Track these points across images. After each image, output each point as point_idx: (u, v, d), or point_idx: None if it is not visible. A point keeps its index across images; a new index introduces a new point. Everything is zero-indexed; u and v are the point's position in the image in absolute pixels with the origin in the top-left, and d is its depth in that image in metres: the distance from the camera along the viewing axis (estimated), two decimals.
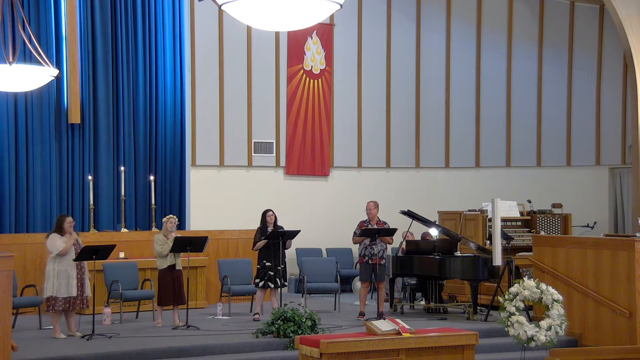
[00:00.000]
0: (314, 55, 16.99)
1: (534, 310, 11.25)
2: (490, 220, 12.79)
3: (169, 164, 15.62)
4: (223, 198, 16.04)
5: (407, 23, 17.77)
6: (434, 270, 12.69)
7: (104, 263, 12.10)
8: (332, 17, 16.61)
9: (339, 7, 6.75)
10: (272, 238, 12.07)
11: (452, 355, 8.57)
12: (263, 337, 10.60)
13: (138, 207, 15.23)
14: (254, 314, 12.27)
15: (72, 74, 14.62)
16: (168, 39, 15.64)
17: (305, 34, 16.70)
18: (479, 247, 12.97)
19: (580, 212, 15.93)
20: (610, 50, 16.78)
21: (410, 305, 13.40)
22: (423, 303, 13.27)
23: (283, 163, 16.70)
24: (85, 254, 10.71)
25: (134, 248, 13.69)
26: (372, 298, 13.92)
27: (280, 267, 12.05)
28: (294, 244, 13.12)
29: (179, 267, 11.73)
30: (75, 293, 10.80)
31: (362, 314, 12.40)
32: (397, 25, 17.71)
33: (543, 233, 14.34)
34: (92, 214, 14.04)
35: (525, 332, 9.49)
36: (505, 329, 9.67)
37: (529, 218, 14.73)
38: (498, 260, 12.24)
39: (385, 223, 12.54)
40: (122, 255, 13.28)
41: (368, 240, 12.28)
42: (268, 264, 12.09)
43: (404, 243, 13.41)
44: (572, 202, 15.95)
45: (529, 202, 15.12)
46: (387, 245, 12.56)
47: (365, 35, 17.48)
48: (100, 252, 10.81)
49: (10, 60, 11.59)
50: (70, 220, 11.01)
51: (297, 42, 16.77)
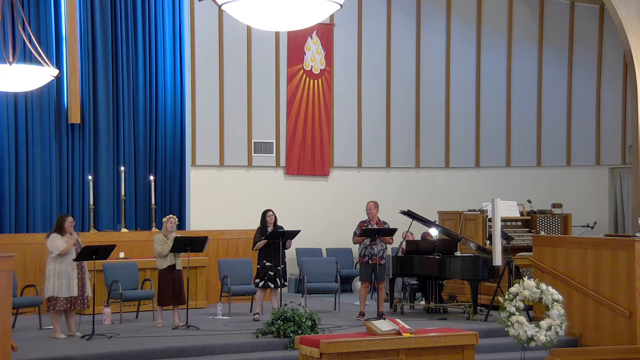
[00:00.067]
0: (314, 55, 16.99)
1: (534, 310, 11.25)
2: (490, 220, 12.79)
3: (169, 164, 15.62)
4: (223, 198, 16.04)
5: (407, 23, 17.77)
6: (434, 270, 12.69)
7: (104, 263, 12.10)
8: (332, 17, 16.60)
9: (339, 7, 6.75)
10: (272, 238, 12.06)
11: (452, 355, 8.57)
12: (263, 337, 10.60)
13: (138, 207, 15.24)
14: (254, 314, 12.27)
15: (72, 74, 14.62)
16: (168, 39, 15.64)
17: (305, 34, 16.69)
18: (479, 247, 12.97)
19: (580, 212, 15.93)
20: (610, 50, 16.78)
21: (410, 305, 13.40)
22: (423, 303, 13.26)
23: (283, 163, 16.69)
24: (85, 254, 10.71)
25: (134, 248, 13.69)
26: (372, 298, 13.91)
27: (280, 267, 12.05)
28: (294, 244, 13.12)
29: (179, 267, 11.73)
30: (77, 293, 10.80)
31: (362, 314, 12.40)
32: (397, 25, 17.70)
33: (543, 233, 14.34)
34: (92, 214, 14.04)
35: (525, 332, 9.48)
36: (505, 329, 9.66)
37: (529, 218, 14.72)
38: (498, 260, 12.24)
39: (385, 223, 12.53)
40: (122, 255, 13.28)
41: (368, 240, 12.28)
42: (268, 264, 12.09)
43: (404, 243, 13.40)
44: (572, 202, 15.95)
45: (529, 202, 15.12)
46: (387, 245, 12.55)
47: (365, 35, 17.48)
48: (100, 252, 10.81)
49: (10, 60, 11.58)
50: (71, 220, 11.01)
51: (297, 42, 16.76)
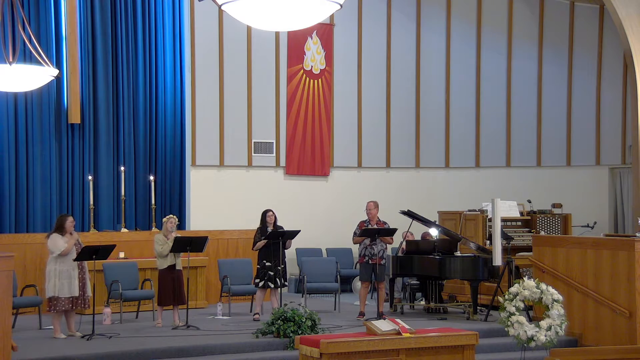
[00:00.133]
0: (314, 55, 16.99)
1: (534, 310, 11.25)
2: (490, 220, 12.79)
3: (169, 164, 15.62)
4: (223, 198, 16.04)
5: (407, 23, 17.77)
6: (434, 270, 12.69)
7: (104, 263, 12.09)
8: (332, 17, 16.60)
9: (339, 7, 6.75)
10: (272, 238, 12.06)
11: (452, 355, 8.57)
12: (263, 337, 10.60)
13: (138, 207, 15.23)
14: (254, 314, 12.27)
15: (72, 74, 14.62)
16: (168, 39, 15.64)
17: (305, 34, 16.69)
18: (479, 247, 12.97)
19: (580, 212, 15.93)
20: (610, 50, 16.78)
21: (410, 305, 13.39)
22: (423, 303, 13.26)
23: (283, 163, 16.69)
24: (86, 254, 10.71)
25: (134, 248, 13.70)
26: (372, 298, 13.91)
27: (280, 267, 12.05)
28: (294, 244, 13.12)
29: (179, 267, 11.73)
30: (78, 293, 10.81)
31: (362, 314, 12.40)
32: (397, 25, 17.70)
33: (543, 233, 14.34)
34: (92, 214, 14.05)
35: (525, 332, 9.48)
36: (505, 329, 9.66)
37: (529, 218, 14.72)
38: (498, 260, 12.24)
39: (385, 223, 12.53)
40: (122, 255, 13.28)
41: (368, 240, 12.27)
42: (268, 264, 12.08)
43: (404, 243, 13.40)
44: (572, 202, 15.95)
45: (529, 202, 15.12)
46: (387, 245, 12.55)
47: (365, 35, 17.48)
48: (100, 252, 10.81)
49: (10, 60, 11.58)
50: (72, 220, 11.02)
51: (297, 42, 16.76)
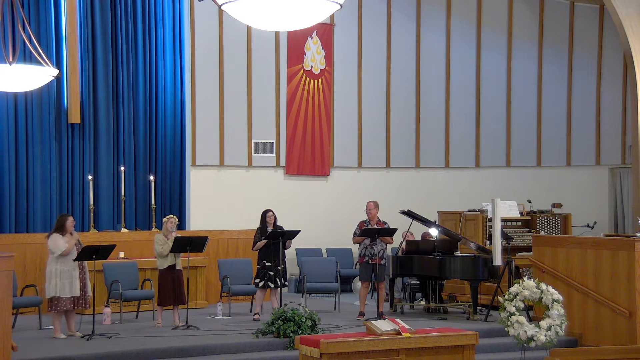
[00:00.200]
0: (314, 55, 16.99)
1: (534, 310, 11.25)
2: (490, 220, 12.79)
3: (169, 164, 15.62)
4: (223, 198, 16.04)
5: (407, 23, 17.77)
6: (434, 270, 12.69)
7: (104, 263, 12.09)
8: (332, 17, 16.60)
9: (339, 7, 6.75)
10: (272, 238, 12.06)
11: (452, 355, 8.57)
12: (263, 337, 10.60)
13: (138, 207, 15.23)
14: (254, 314, 12.27)
15: (72, 74, 14.62)
16: (168, 39, 15.64)
17: (305, 34, 16.69)
18: (479, 247, 12.97)
19: (580, 212, 15.93)
20: (610, 50, 16.78)
21: (410, 305, 13.39)
22: (423, 303, 13.26)
23: (283, 163, 16.69)
24: (86, 254, 10.71)
25: (134, 248, 13.69)
26: (372, 298, 13.91)
27: (280, 267, 12.05)
28: (294, 244, 13.12)
29: (179, 267, 11.73)
30: (79, 293, 10.82)
31: (362, 314, 12.40)
32: (397, 25, 17.70)
33: (543, 233, 14.34)
34: (92, 214, 14.05)
35: (525, 332, 9.48)
36: (505, 329, 9.66)
37: (529, 218, 14.72)
38: (498, 260, 12.24)
39: (385, 223, 12.53)
40: (122, 255, 13.28)
41: (368, 240, 12.27)
42: (268, 264, 12.08)
43: (404, 243, 13.40)
44: (572, 202, 15.95)
45: (529, 202, 15.11)
46: (387, 245, 12.55)
47: (365, 35, 17.48)
48: (100, 252, 10.81)
49: (10, 60, 11.58)
50: (72, 220, 11.03)
51: (297, 42, 16.76)
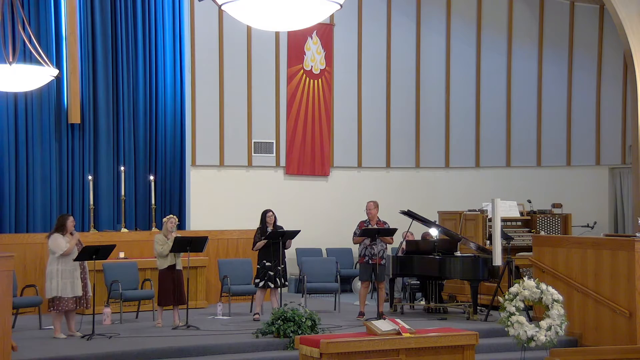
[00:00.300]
0: (314, 55, 16.99)
1: (534, 310, 11.24)
2: (490, 220, 12.79)
3: (169, 164, 15.62)
4: (223, 198, 16.03)
5: (407, 23, 17.76)
6: (434, 270, 12.69)
7: (104, 263, 12.10)
8: (332, 17, 16.60)
9: (339, 7, 6.76)
10: (272, 238, 12.06)
11: (452, 355, 8.57)
12: (263, 337, 10.60)
13: (138, 207, 15.23)
14: (254, 314, 12.27)
15: (72, 74, 14.62)
16: (168, 39, 15.64)
17: (305, 34, 16.69)
18: (479, 247, 12.97)
19: (580, 212, 15.93)
20: (610, 50, 16.78)
21: (410, 305, 13.39)
22: (423, 303, 13.26)
23: (283, 163, 16.69)
24: (86, 254, 10.71)
25: (134, 248, 13.69)
26: (372, 298, 13.91)
27: (280, 267, 12.05)
28: (294, 244, 13.13)
29: (179, 267, 11.73)
30: (81, 292, 10.82)
31: (362, 314, 12.40)
32: (397, 25, 17.70)
33: (543, 233, 14.34)
34: (92, 214, 14.05)
35: (525, 332, 9.49)
36: (505, 329, 9.67)
37: (529, 218, 14.72)
38: (498, 260, 12.24)
39: (385, 223, 12.53)
40: (122, 255, 13.28)
41: (368, 240, 12.27)
42: (268, 264, 12.08)
43: (404, 243, 13.41)
44: (572, 202, 15.95)
45: (529, 202, 15.11)
46: (387, 245, 12.56)
47: (365, 35, 17.47)
48: (100, 252, 10.81)
49: (10, 60, 11.59)
50: (73, 220, 11.03)
51: (297, 42, 16.76)
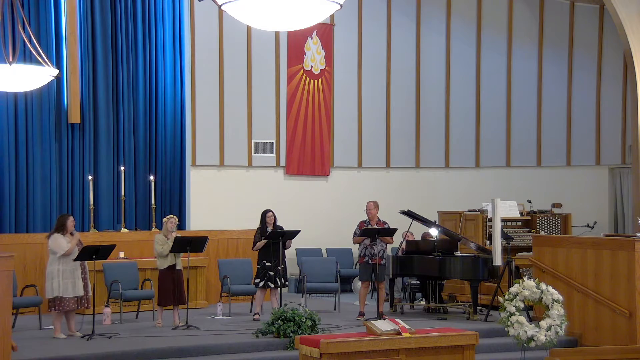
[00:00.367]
0: (314, 55, 16.99)
1: (534, 310, 11.25)
2: (490, 220, 12.79)
3: (169, 164, 15.62)
4: (223, 198, 16.03)
5: (407, 23, 17.76)
6: (434, 270, 12.69)
7: (104, 263, 12.09)
8: (332, 17, 16.60)
9: (339, 7, 6.76)
10: (272, 238, 12.06)
11: (452, 355, 8.57)
12: (263, 337, 10.60)
13: (138, 207, 15.23)
14: (254, 314, 12.27)
15: (72, 74, 14.62)
16: (168, 39, 15.64)
17: (305, 34, 16.69)
18: (479, 247, 12.97)
19: (580, 212, 15.93)
20: (610, 50, 16.78)
21: (410, 305, 13.39)
22: (423, 303, 13.26)
23: (283, 163, 16.69)
24: (86, 254, 10.71)
25: (134, 248, 13.70)
26: (372, 298, 13.91)
27: (280, 267, 12.05)
28: (294, 244, 13.13)
29: (179, 267, 11.73)
30: (82, 292, 10.83)
31: (362, 314, 12.39)
32: (397, 25, 17.70)
33: (543, 233, 14.34)
34: (92, 214, 14.05)
35: (525, 332, 9.49)
36: (505, 329, 9.67)
37: (529, 218, 14.72)
38: (498, 260, 12.24)
39: (385, 223, 12.53)
40: (122, 255, 13.28)
41: (368, 240, 12.27)
42: (268, 264, 12.08)
43: (404, 243, 13.41)
44: (572, 202, 15.95)
45: (529, 202, 15.11)
46: (387, 245, 12.56)
47: (365, 35, 17.47)
48: (100, 252, 10.80)
49: (10, 60, 11.59)
50: (73, 220, 11.04)
51: (297, 42, 16.76)
